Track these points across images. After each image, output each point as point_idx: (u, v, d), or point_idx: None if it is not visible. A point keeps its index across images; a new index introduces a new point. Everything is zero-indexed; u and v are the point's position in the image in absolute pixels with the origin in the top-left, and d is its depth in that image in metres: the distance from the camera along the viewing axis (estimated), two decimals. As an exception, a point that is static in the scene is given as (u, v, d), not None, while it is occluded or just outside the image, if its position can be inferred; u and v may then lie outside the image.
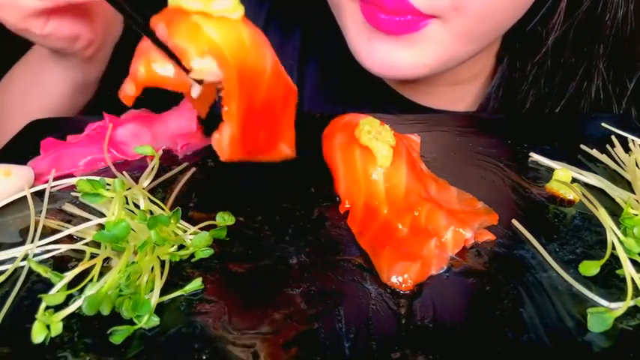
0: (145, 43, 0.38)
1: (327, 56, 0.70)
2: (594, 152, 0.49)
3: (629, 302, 0.33)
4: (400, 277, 0.35)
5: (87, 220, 0.40)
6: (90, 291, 0.32)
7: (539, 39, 0.60)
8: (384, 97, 0.68)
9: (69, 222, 0.40)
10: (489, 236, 0.39)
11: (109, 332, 0.31)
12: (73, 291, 0.34)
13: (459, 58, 0.56)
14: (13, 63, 0.66)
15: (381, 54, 0.54)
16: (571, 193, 0.43)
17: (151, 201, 0.41)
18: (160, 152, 0.49)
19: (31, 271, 0.36)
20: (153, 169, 0.45)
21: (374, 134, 0.42)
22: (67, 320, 0.32)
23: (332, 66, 0.70)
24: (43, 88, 0.61)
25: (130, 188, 0.40)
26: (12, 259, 0.37)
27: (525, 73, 0.62)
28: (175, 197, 0.44)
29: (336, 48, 0.62)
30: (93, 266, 0.35)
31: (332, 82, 0.70)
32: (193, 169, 0.47)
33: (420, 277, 0.36)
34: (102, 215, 0.39)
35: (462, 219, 0.39)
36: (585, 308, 0.33)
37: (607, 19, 0.57)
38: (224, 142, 0.39)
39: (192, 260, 0.37)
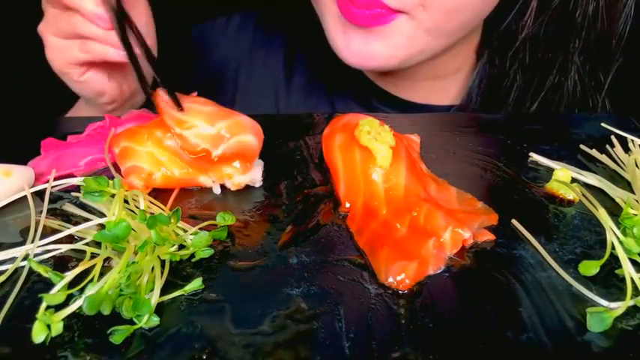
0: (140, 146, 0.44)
1: (312, 58, 0.73)
2: (594, 152, 0.49)
3: (629, 302, 0.33)
4: (398, 277, 0.35)
5: (87, 220, 0.40)
6: (90, 291, 0.32)
7: (514, 35, 0.62)
8: (368, 94, 0.70)
9: (69, 222, 0.40)
10: (489, 236, 0.39)
11: (109, 332, 0.31)
12: (74, 291, 0.34)
13: (431, 51, 0.59)
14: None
15: (355, 46, 0.58)
16: (571, 193, 0.43)
17: (151, 201, 0.41)
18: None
19: (31, 271, 0.36)
20: None
21: (373, 135, 0.42)
22: (67, 320, 0.32)
23: (317, 68, 0.72)
24: None
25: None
26: (12, 259, 0.37)
27: (505, 69, 0.64)
28: (175, 197, 0.44)
29: (321, 49, 0.64)
30: (93, 266, 0.35)
31: (318, 83, 0.72)
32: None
33: (418, 277, 0.36)
34: (102, 215, 0.39)
35: (460, 219, 0.39)
36: (585, 308, 0.33)
37: (578, 14, 0.59)
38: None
39: (193, 260, 0.37)
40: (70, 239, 0.39)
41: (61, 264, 0.37)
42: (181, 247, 0.37)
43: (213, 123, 0.43)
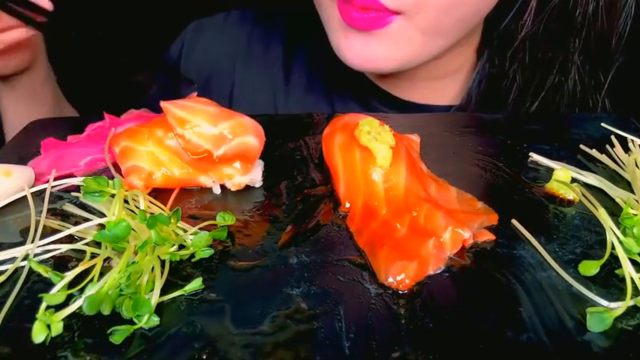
0: (141, 146, 0.45)
1: (311, 57, 0.73)
2: (594, 152, 0.49)
3: (629, 302, 0.33)
4: (398, 277, 0.35)
5: (87, 220, 0.40)
6: (90, 291, 0.32)
7: (513, 34, 0.63)
8: (368, 94, 0.70)
9: (69, 222, 0.40)
10: (489, 236, 0.39)
11: (109, 332, 0.31)
12: (74, 291, 0.34)
13: (430, 52, 0.59)
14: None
15: (356, 49, 0.58)
16: (571, 193, 0.43)
17: (151, 201, 0.41)
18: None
19: (31, 271, 0.36)
20: None
21: (373, 135, 0.42)
22: (67, 320, 0.32)
23: (317, 66, 0.73)
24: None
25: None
26: (12, 259, 0.37)
27: (504, 69, 0.64)
28: (175, 197, 0.44)
29: (320, 48, 0.65)
30: (93, 266, 0.35)
31: (317, 83, 0.72)
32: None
33: (418, 277, 0.36)
34: (102, 215, 0.39)
35: (460, 219, 0.39)
36: (585, 308, 0.33)
37: (577, 14, 0.59)
38: None
39: (193, 260, 0.37)
40: (70, 239, 0.39)
41: (61, 264, 0.37)
42: (181, 247, 0.37)
43: (215, 123, 0.43)
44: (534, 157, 0.49)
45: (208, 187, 0.45)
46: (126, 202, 0.39)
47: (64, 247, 0.38)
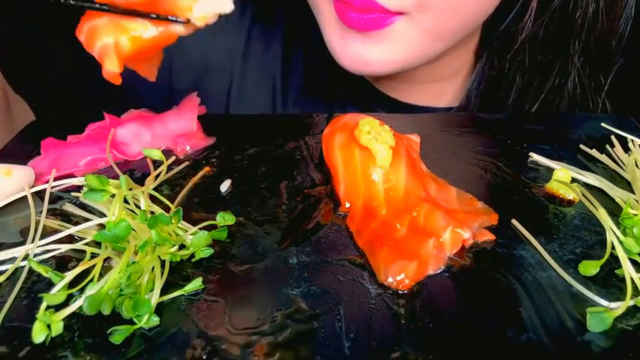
0: (100, 20, 0.39)
1: (309, 58, 0.72)
2: (594, 152, 0.49)
3: (629, 302, 0.33)
4: (397, 277, 0.35)
5: (87, 220, 0.40)
6: (90, 291, 0.32)
7: (513, 36, 0.62)
8: (366, 96, 0.69)
9: (69, 222, 0.40)
10: (489, 236, 0.39)
11: (109, 332, 0.31)
12: (74, 291, 0.34)
13: (429, 54, 0.58)
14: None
15: (352, 50, 0.56)
16: (571, 193, 0.44)
17: (153, 202, 0.41)
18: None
19: (31, 271, 0.36)
20: (160, 173, 0.45)
21: (373, 135, 0.42)
22: (67, 320, 0.32)
23: (315, 67, 0.72)
24: None
25: (131, 189, 0.40)
26: (12, 259, 0.37)
27: (504, 71, 0.64)
28: (176, 197, 0.44)
29: (319, 49, 0.64)
30: (93, 266, 0.35)
31: (316, 84, 0.72)
32: (193, 169, 0.47)
33: (417, 277, 0.36)
34: (102, 215, 0.39)
35: (460, 219, 0.39)
36: (585, 308, 0.33)
37: (577, 16, 0.59)
38: None
39: (193, 260, 0.37)
40: (70, 239, 0.39)
41: (61, 264, 0.37)
42: (181, 247, 0.38)
43: None
44: (534, 157, 0.49)
45: (181, 33, 0.41)
46: (126, 201, 0.39)
47: (64, 247, 0.38)
